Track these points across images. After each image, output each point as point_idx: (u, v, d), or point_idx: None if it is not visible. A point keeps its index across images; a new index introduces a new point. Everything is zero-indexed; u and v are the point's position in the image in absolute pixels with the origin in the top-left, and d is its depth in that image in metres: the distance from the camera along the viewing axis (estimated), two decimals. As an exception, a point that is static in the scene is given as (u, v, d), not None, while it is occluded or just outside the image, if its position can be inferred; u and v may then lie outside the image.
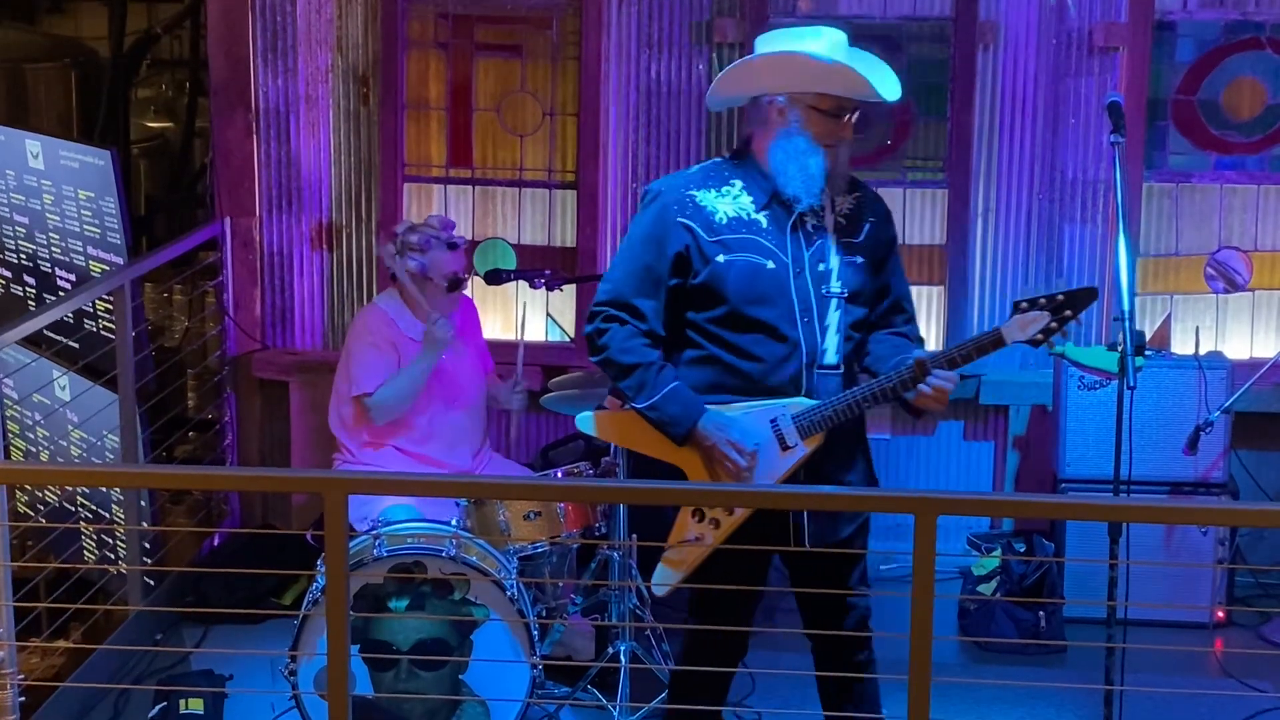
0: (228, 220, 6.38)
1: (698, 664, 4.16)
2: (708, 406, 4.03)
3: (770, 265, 4.04)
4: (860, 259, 4.13)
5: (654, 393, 4.02)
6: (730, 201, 4.08)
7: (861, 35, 6.07)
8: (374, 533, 4.79)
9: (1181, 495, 5.57)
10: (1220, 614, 5.76)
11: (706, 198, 4.08)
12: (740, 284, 4.03)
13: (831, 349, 4.07)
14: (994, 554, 5.78)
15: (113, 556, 6.48)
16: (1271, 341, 6.03)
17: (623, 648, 4.97)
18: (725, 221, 4.06)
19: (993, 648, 5.59)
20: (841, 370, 4.10)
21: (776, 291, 4.04)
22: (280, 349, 6.46)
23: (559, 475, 5.12)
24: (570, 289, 6.25)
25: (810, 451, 4.04)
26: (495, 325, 6.30)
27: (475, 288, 6.06)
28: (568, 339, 6.35)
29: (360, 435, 5.32)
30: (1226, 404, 5.57)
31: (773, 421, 4.04)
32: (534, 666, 4.67)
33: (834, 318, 4.06)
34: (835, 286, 4.07)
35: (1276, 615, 5.81)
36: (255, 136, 6.36)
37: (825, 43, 4.02)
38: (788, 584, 4.34)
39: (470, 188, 6.37)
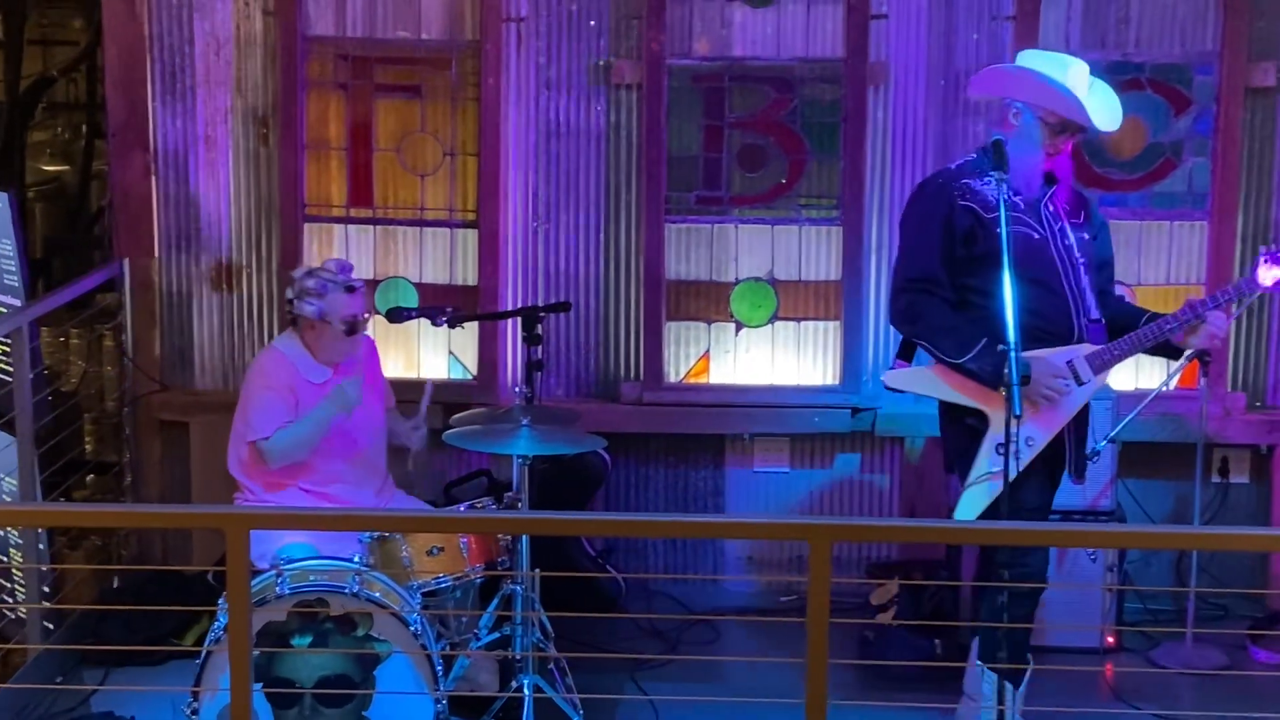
0: (126, 261, 6.36)
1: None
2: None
3: (1036, 236, 4.79)
4: (1087, 235, 4.91)
5: (971, 347, 4.67)
6: (993, 187, 4.71)
7: (754, 76, 6.23)
8: (276, 569, 4.79)
9: (1071, 523, 5.70)
10: (1110, 639, 5.90)
11: (976, 184, 4.79)
12: (1020, 249, 4.67)
13: (1092, 305, 4.83)
14: (890, 583, 5.88)
15: (10, 600, 6.41)
16: (1156, 373, 6.19)
17: (526, 681, 5.00)
18: (995, 202, 4.69)
19: (891, 673, 5.68)
20: (1103, 322, 4.85)
21: (1046, 257, 4.78)
22: (180, 389, 6.44)
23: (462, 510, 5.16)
24: (472, 327, 6.30)
25: (1099, 385, 4.80)
26: (397, 364, 6.33)
27: (377, 326, 6.09)
28: (470, 376, 6.39)
29: (259, 477, 5.32)
30: (1112, 433, 5.72)
31: (1069, 363, 4.74)
32: (438, 701, 4.69)
33: (1085, 280, 4.83)
34: (1078, 256, 4.84)
35: (1165, 640, 5.96)
36: (154, 177, 6.36)
37: (1069, 71, 4.78)
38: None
39: (371, 227, 6.40)
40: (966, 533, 4.30)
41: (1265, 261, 4.78)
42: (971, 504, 4.72)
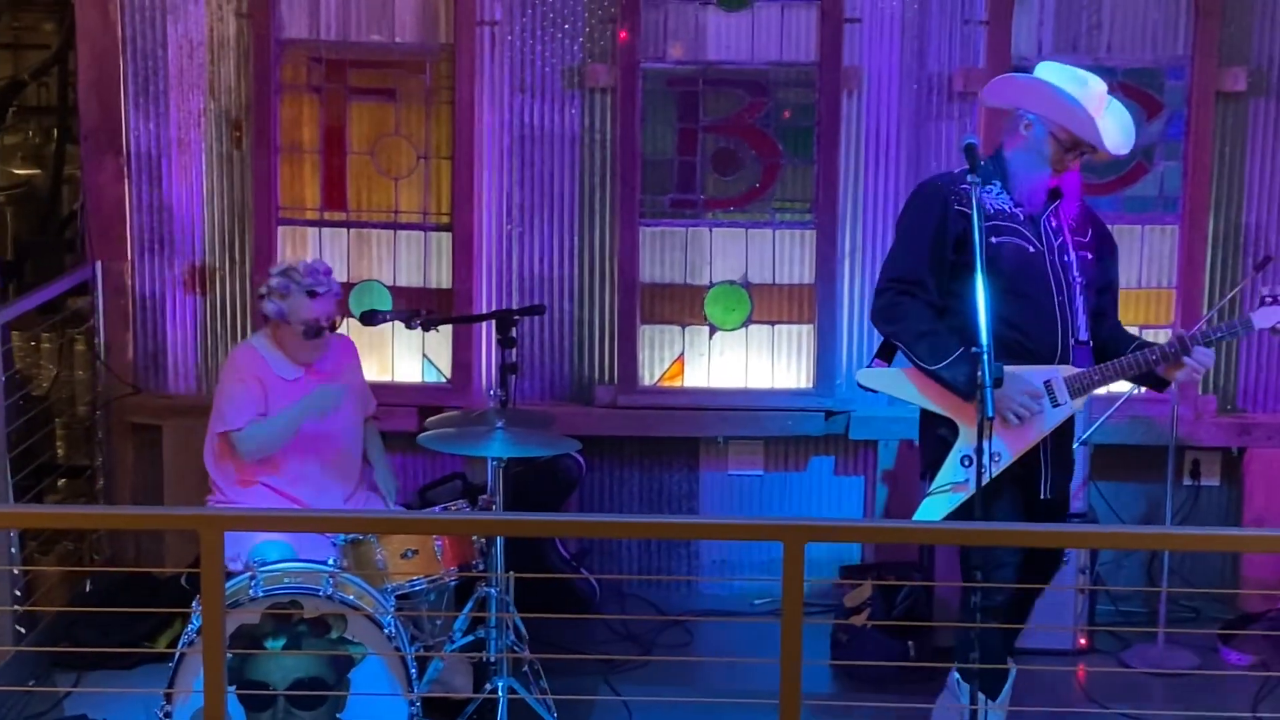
0: (99, 264, 6.35)
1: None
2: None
3: (1031, 249, 4.71)
4: (1090, 255, 4.82)
5: (946, 355, 4.60)
6: (994, 197, 4.72)
7: (729, 80, 6.25)
8: (250, 572, 4.78)
9: (1042, 524, 5.71)
10: (1083, 640, 5.93)
11: (978, 191, 4.62)
12: (1011, 261, 4.65)
13: (1082, 326, 4.75)
14: (864, 585, 5.89)
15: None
16: (1127, 375, 6.22)
17: (501, 684, 5.00)
18: (992, 211, 4.70)
19: (864, 676, 5.70)
20: (1091, 345, 4.77)
21: (1038, 272, 4.70)
22: (153, 393, 6.43)
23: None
24: (446, 329, 6.30)
25: (1075, 409, 4.71)
26: (371, 367, 6.32)
27: (350, 329, 6.09)
28: (444, 379, 6.39)
29: (231, 472, 5.33)
30: (1084, 436, 5.74)
31: (1047, 382, 4.66)
32: (411, 703, 4.69)
33: (1079, 301, 4.75)
34: (1076, 275, 4.76)
35: (1137, 641, 5.99)
36: (127, 180, 6.34)
37: (1086, 88, 4.70)
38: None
39: (345, 230, 6.40)
40: (939, 533, 4.31)
41: (1266, 303, 4.73)
42: (929, 513, 4.70)
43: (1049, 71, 4.78)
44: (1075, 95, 4.67)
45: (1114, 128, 4.73)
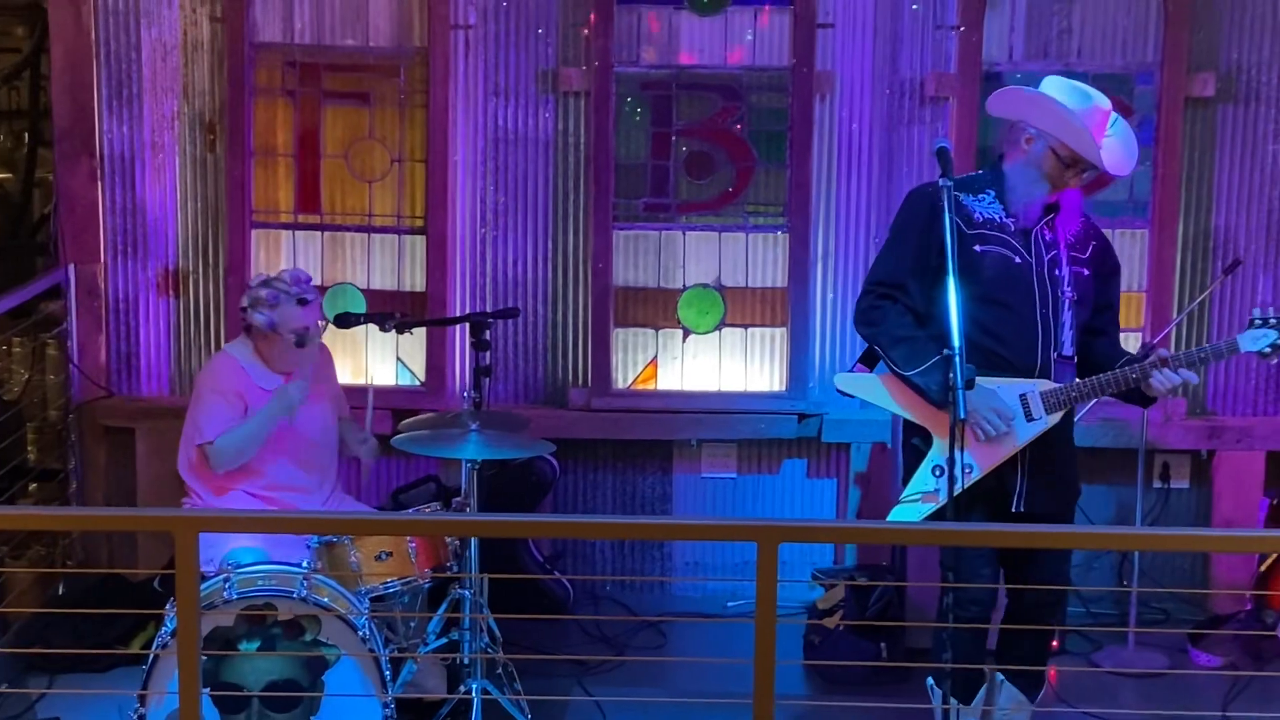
0: (72, 267, 6.34)
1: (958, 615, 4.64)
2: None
3: (1018, 260, 4.68)
4: (1086, 271, 4.77)
5: (922, 362, 4.59)
6: (985, 206, 4.72)
7: (702, 84, 6.27)
8: (224, 575, 4.78)
9: (1014, 525, 5.74)
10: (1054, 642, 5.95)
11: (967, 199, 4.72)
12: (993, 270, 4.65)
13: (1067, 341, 4.71)
14: (837, 587, 5.92)
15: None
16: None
17: (474, 685, 5.01)
18: (981, 220, 4.70)
19: (836, 677, 5.72)
20: (1075, 360, 4.74)
21: (1023, 282, 4.67)
22: (126, 396, 6.42)
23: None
24: (420, 332, 6.31)
25: (1051, 424, 4.64)
26: (345, 370, 6.32)
27: (324, 332, 6.09)
28: (418, 382, 6.39)
29: (208, 480, 5.31)
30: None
31: (1022, 396, 4.64)
32: (385, 705, 4.70)
33: (1067, 316, 4.71)
34: (1067, 290, 4.72)
35: (1107, 642, 6.02)
36: (100, 183, 6.34)
37: (1090, 106, 4.67)
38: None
39: (319, 233, 6.40)
40: (910, 534, 4.34)
41: (1255, 325, 4.66)
42: (898, 520, 4.68)
43: (1054, 86, 4.74)
44: (1078, 112, 4.63)
45: (1117, 147, 4.70)
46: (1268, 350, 4.65)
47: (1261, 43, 6.21)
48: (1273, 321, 4.64)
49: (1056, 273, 4.70)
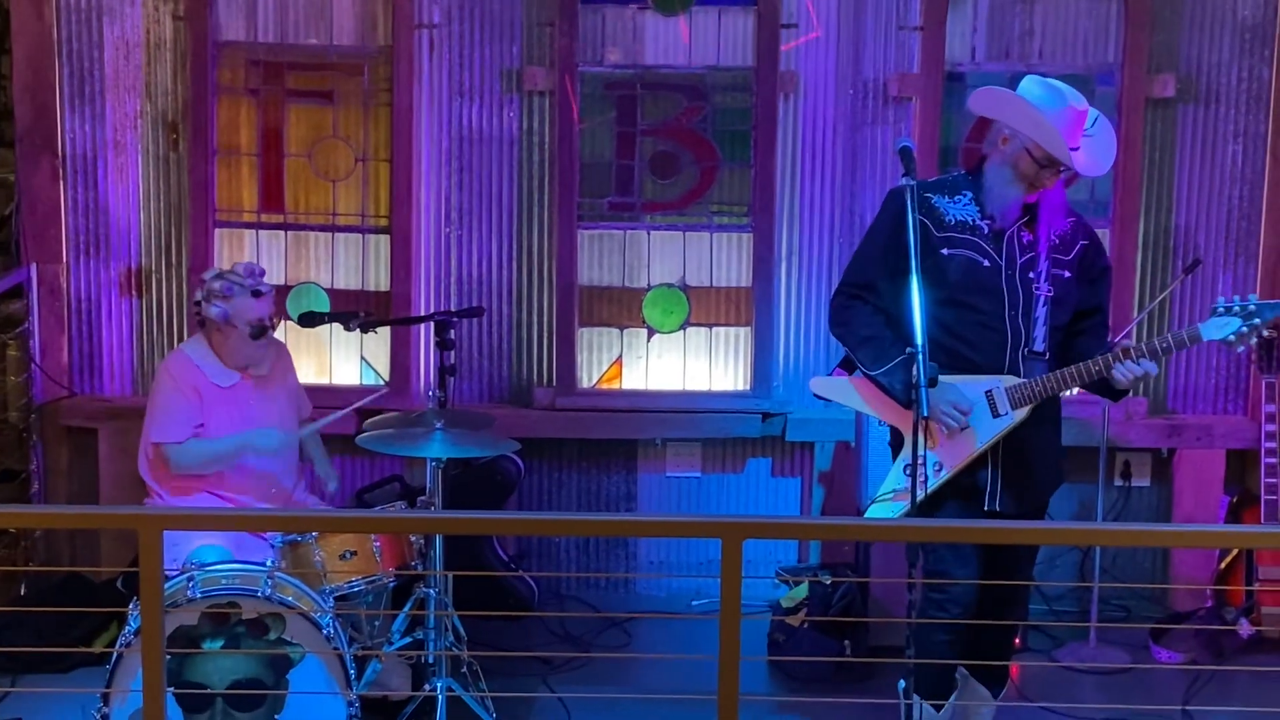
0: (34, 267, 6.31)
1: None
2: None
3: (986, 263, 4.70)
4: (1068, 274, 4.77)
5: (886, 361, 4.66)
6: (960, 208, 4.75)
7: (666, 84, 6.29)
8: (188, 574, 4.77)
9: (978, 520, 5.78)
10: (1016, 639, 5.98)
11: (940, 201, 4.76)
12: (960, 273, 4.68)
13: (1039, 338, 4.73)
14: (801, 585, 5.94)
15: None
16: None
17: (439, 684, 5.01)
18: (952, 223, 4.73)
19: (801, 674, 5.74)
20: (1048, 356, 4.74)
21: (990, 286, 4.70)
22: (88, 396, 6.40)
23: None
24: (384, 332, 6.30)
25: (1018, 419, 4.67)
26: (309, 369, 6.31)
27: (289, 332, 6.08)
28: (382, 381, 6.39)
29: (166, 481, 5.30)
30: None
31: (988, 392, 4.69)
32: (350, 703, 4.69)
33: (1041, 312, 4.72)
34: (1043, 287, 4.73)
35: (1069, 639, 6.06)
36: (62, 182, 6.31)
37: (1065, 107, 4.67)
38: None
39: (283, 232, 6.39)
40: (874, 530, 4.37)
41: (1218, 314, 4.67)
42: (879, 513, 4.72)
43: (1030, 86, 4.74)
44: (1050, 112, 4.64)
45: (1093, 147, 4.71)
46: (1233, 338, 4.65)
47: (1221, 44, 6.26)
48: (1236, 309, 4.66)
49: (1031, 275, 4.72)
